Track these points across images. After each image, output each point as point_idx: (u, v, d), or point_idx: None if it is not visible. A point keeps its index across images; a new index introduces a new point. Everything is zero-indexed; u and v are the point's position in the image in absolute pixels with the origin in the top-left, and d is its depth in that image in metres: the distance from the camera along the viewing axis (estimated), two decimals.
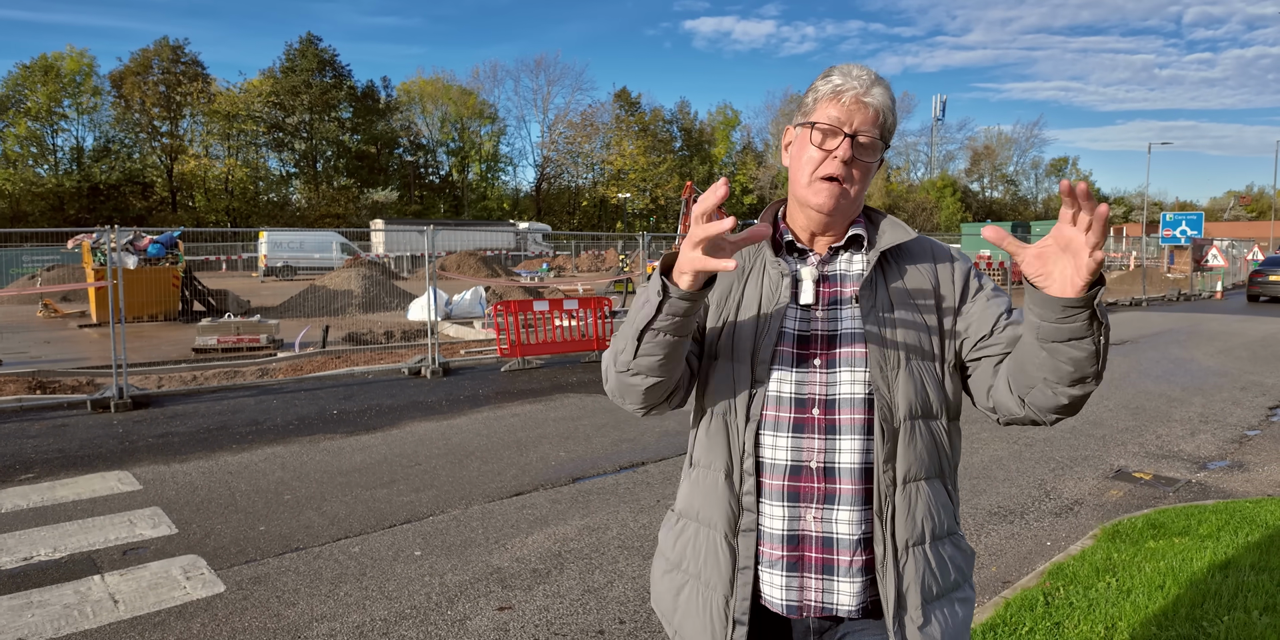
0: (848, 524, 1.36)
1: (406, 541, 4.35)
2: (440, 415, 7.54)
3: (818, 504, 1.37)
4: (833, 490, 1.36)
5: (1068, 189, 1.06)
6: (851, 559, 1.36)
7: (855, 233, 1.44)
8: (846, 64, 1.41)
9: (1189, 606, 3.29)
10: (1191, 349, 12.00)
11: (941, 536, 1.40)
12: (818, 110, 1.38)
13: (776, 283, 1.43)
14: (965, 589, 1.45)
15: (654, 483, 5.37)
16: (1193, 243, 26.50)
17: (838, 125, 1.35)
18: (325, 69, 56.38)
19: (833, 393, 1.37)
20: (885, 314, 1.38)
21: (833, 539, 1.37)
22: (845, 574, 1.37)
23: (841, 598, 1.37)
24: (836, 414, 1.36)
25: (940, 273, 1.45)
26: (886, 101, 1.38)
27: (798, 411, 1.37)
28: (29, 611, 3.51)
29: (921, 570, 1.37)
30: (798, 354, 1.39)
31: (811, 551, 1.38)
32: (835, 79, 1.37)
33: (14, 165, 49.15)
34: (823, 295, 1.42)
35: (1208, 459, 6.05)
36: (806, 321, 1.40)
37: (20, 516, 4.72)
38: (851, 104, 1.35)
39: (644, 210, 65.03)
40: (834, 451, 1.36)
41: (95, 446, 6.36)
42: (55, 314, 17.46)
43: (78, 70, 50.71)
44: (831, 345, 1.38)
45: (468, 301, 17.22)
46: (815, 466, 1.36)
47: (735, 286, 1.46)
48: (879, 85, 1.38)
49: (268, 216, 52.99)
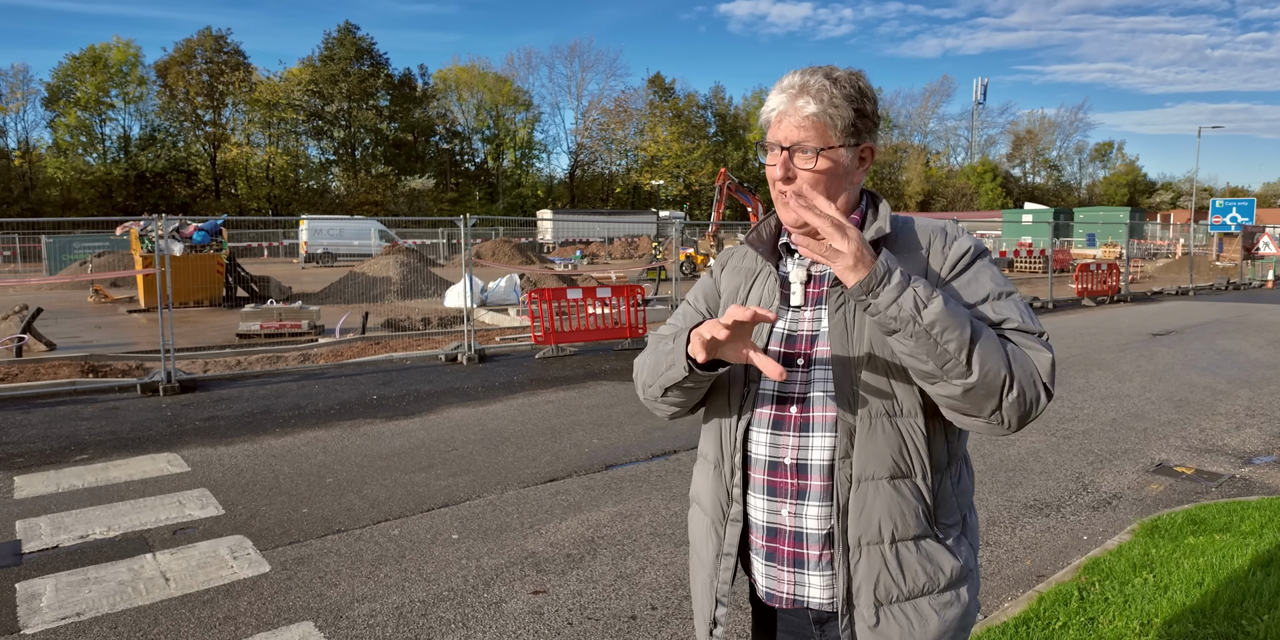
0: (816, 519, 1.40)
1: (444, 525, 4.45)
2: (476, 401, 7.65)
3: (791, 499, 1.41)
4: (804, 486, 1.40)
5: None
6: (820, 553, 1.40)
7: None
8: (786, 74, 1.41)
9: (1228, 604, 3.24)
10: (1239, 340, 11.69)
11: (905, 538, 1.37)
12: (766, 132, 1.43)
13: (772, 287, 1.49)
14: (947, 595, 1.39)
15: (685, 471, 5.41)
16: (1243, 230, 25.70)
17: (774, 142, 1.39)
18: (363, 57, 57.00)
19: (809, 390, 1.41)
20: (858, 309, 1.36)
21: (803, 533, 1.41)
22: (815, 568, 1.41)
23: (812, 591, 1.42)
24: (810, 411, 1.40)
25: (932, 258, 1.41)
26: (826, 98, 1.35)
27: (778, 409, 1.42)
28: (86, 587, 3.67)
29: (876, 570, 1.36)
30: (785, 354, 1.43)
31: (785, 545, 1.43)
32: (769, 100, 1.41)
33: (65, 154, 50.58)
34: (810, 295, 1.46)
35: (1253, 454, 5.92)
36: (795, 322, 1.45)
37: (77, 496, 4.92)
38: (779, 119, 1.39)
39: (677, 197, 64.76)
40: (806, 448, 1.40)
41: (145, 429, 6.58)
42: (105, 299, 18.00)
43: (124, 61, 51.91)
44: (813, 344, 1.42)
45: (503, 289, 17.38)
46: (789, 462, 1.41)
47: (742, 290, 1.53)
48: (810, 89, 1.36)
49: (308, 204, 53.90)
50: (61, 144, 50.91)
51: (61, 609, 3.46)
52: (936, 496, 1.39)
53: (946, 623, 1.38)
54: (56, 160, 50.02)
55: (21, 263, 30.11)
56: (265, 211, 51.82)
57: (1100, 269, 18.33)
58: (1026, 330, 1.33)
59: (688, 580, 3.74)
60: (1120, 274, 18.79)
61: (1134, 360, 9.85)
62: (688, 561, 3.94)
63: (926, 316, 1.22)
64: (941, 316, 1.22)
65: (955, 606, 1.39)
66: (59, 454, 5.83)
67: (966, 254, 1.41)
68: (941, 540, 1.40)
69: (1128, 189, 79.21)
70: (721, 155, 65.32)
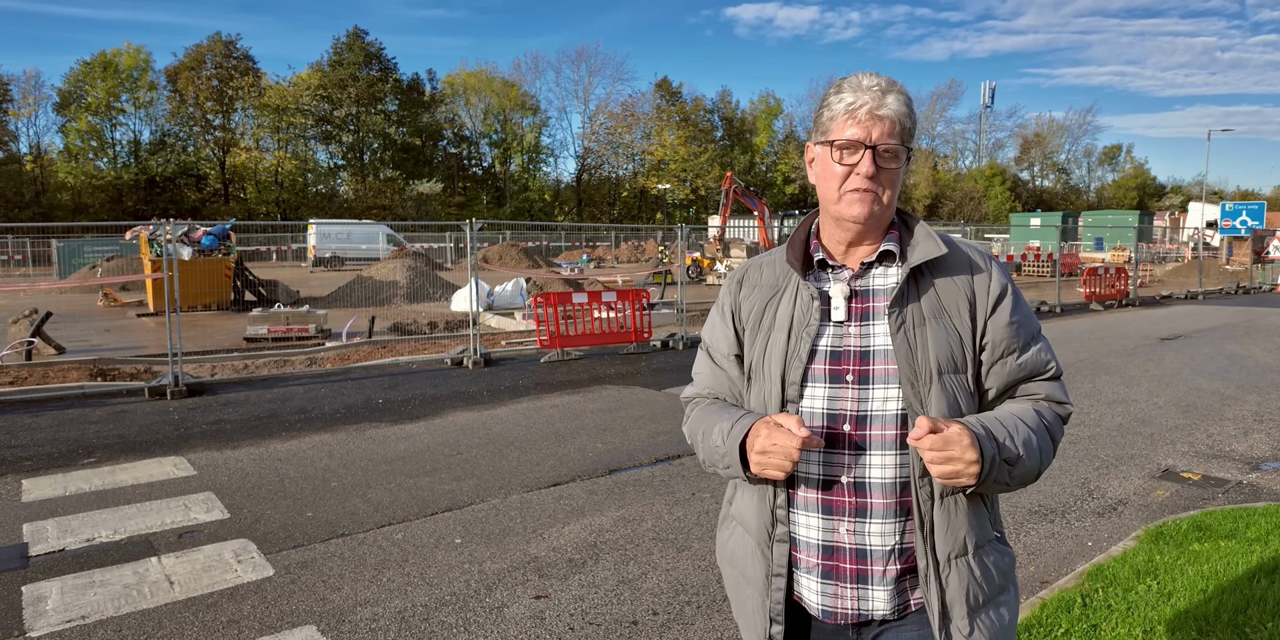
0: (880, 536, 1.39)
1: (447, 529, 4.46)
2: (481, 405, 7.67)
3: (850, 517, 1.40)
4: (864, 504, 1.39)
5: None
6: (885, 568, 1.40)
7: (887, 248, 1.44)
8: (856, 74, 1.41)
9: (1232, 611, 3.22)
10: (1248, 345, 11.62)
11: (982, 545, 1.42)
12: (834, 128, 1.39)
13: (807, 304, 1.45)
14: (1009, 591, 1.48)
15: (689, 475, 5.41)
16: (1253, 233, 25.56)
17: (857, 141, 1.37)
18: (371, 62, 57.25)
19: (864, 409, 1.39)
20: (917, 328, 1.39)
21: (866, 551, 1.40)
22: (880, 583, 1.41)
23: (876, 604, 1.42)
24: (868, 429, 1.38)
25: (977, 283, 1.45)
26: (902, 108, 1.38)
27: (829, 426, 1.40)
28: (92, 590, 3.69)
29: (965, 581, 1.39)
30: (830, 370, 1.41)
31: (846, 562, 1.41)
32: (847, 96, 1.38)
33: (76, 159, 50.93)
34: (855, 311, 1.43)
35: (1261, 459, 5.88)
36: (840, 338, 1.42)
37: (84, 499, 4.95)
38: (867, 119, 1.36)
39: (684, 201, 64.78)
40: (865, 466, 1.39)
41: (152, 432, 6.62)
42: (115, 303, 18.12)
43: (135, 66, 52.28)
44: (865, 361, 1.40)
45: (509, 293, 17.42)
46: (847, 481, 1.40)
47: (768, 311, 1.50)
48: (892, 93, 1.38)
49: (316, 208, 54.13)
50: (72, 149, 51.28)
51: (67, 612, 3.48)
52: (992, 502, 1.48)
53: (1013, 615, 1.47)
54: (67, 165, 50.38)
55: (32, 267, 30.35)
56: (274, 216, 52.09)
57: (1108, 273, 18.26)
58: (1058, 377, 1.48)
59: (689, 585, 3.74)
60: (1128, 278, 18.70)
61: (1141, 365, 9.80)
62: (692, 567, 3.94)
63: (1014, 480, 1.36)
64: (1023, 473, 1.35)
65: (1014, 600, 1.49)
66: (67, 457, 5.87)
67: (1008, 286, 1.47)
68: (1000, 539, 1.47)
69: (1137, 192, 78.90)
70: (728, 159, 65.31)
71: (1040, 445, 1.38)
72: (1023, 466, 1.34)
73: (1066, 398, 1.48)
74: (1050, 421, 1.43)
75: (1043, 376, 1.46)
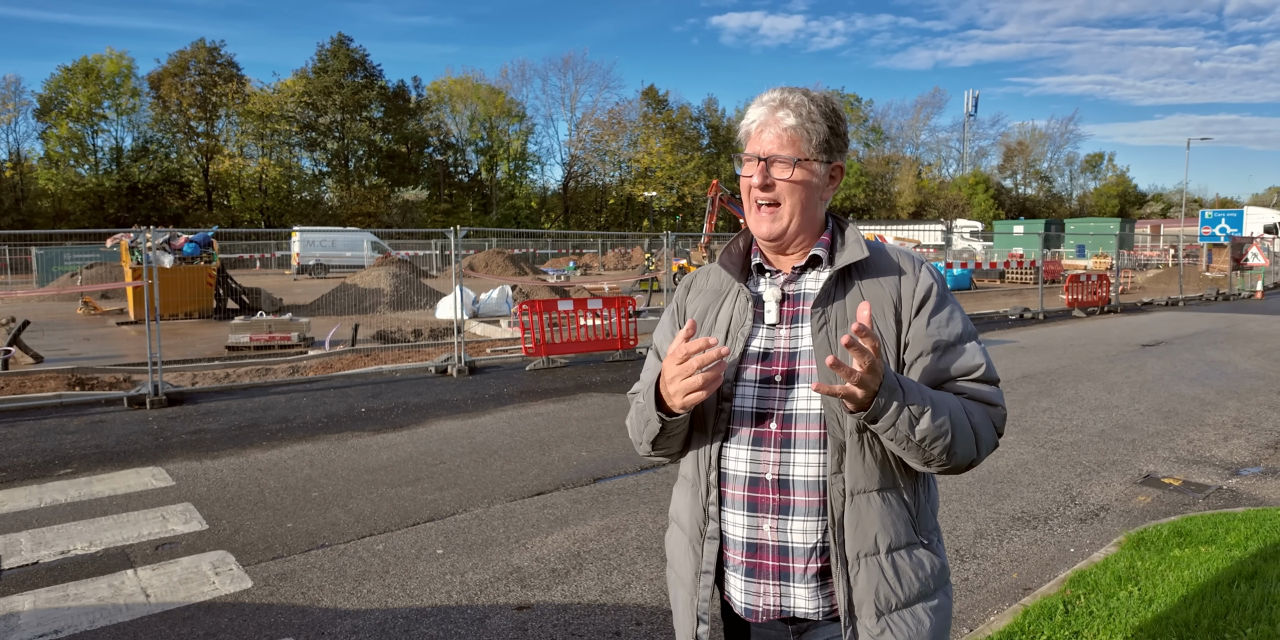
0: (802, 533, 1.42)
1: (429, 540, 4.42)
2: (465, 414, 7.63)
3: (773, 514, 1.43)
4: (787, 501, 1.43)
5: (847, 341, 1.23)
6: (806, 566, 1.42)
7: (816, 253, 1.50)
8: (766, 91, 1.49)
9: (1212, 617, 3.24)
10: (1228, 351, 11.75)
11: (899, 547, 1.43)
12: (746, 146, 1.49)
13: (743, 307, 1.51)
14: (937, 597, 1.46)
15: (674, 484, 5.39)
16: (1232, 240, 25.89)
17: (752, 155, 1.46)
18: (356, 69, 57.09)
19: (790, 408, 1.43)
20: (840, 328, 1.43)
21: (788, 547, 1.43)
22: (800, 580, 1.43)
23: (799, 602, 1.44)
24: (793, 427, 1.42)
25: (903, 285, 1.48)
26: (800, 119, 1.44)
27: (757, 425, 1.44)
28: (65, 604, 3.63)
29: (875, 581, 1.40)
30: (761, 370, 1.46)
31: (769, 559, 1.45)
32: (750, 113, 1.48)
33: (56, 165, 50.41)
34: (786, 314, 1.49)
35: (1240, 465, 5.93)
36: (771, 339, 1.48)
37: (59, 511, 4.87)
38: (759, 131, 1.46)
39: (671, 208, 64.92)
40: (789, 464, 1.42)
41: (131, 443, 6.53)
42: (95, 311, 17.91)
43: (117, 72, 51.85)
44: (792, 361, 1.45)
45: (495, 300, 17.37)
46: (771, 478, 1.43)
47: (709, 314, 1.56)
48: (789, 103, 1.45)
49: (301, 215, 53.82)
50: (53, 155, 50.75)
51: (40, 626, 3.42)
52: (918, 504, 1.46)
53: (939, 623, 1.45)
54: (48, 172, 49.85)
55: (11, 274, 29.96)
56: (258, 223, 51.70)
57: (1090, 280, 18.43)
58: (990, 381, 1.46)
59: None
60: (1110, 285, 18.88)
61: (1123, 371, 9.88)
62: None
63: (918, 435, 1.32)
64: (930, 431, 1.32)
65: (944, 607, 1.47)
66: (43, 468, 5.78)
67: (933, 288, 1.48)
68: (926, 546, 1.46)
69: (1118, 200, 79.72)
70: (715, 167, 65.50)
71: (955, 421, 1.35)
72: (927, 427, 1.31)
73: (999, 400, 1.45)
74: (972, 410, 1.41)
75: (970, 377, 1.45)
